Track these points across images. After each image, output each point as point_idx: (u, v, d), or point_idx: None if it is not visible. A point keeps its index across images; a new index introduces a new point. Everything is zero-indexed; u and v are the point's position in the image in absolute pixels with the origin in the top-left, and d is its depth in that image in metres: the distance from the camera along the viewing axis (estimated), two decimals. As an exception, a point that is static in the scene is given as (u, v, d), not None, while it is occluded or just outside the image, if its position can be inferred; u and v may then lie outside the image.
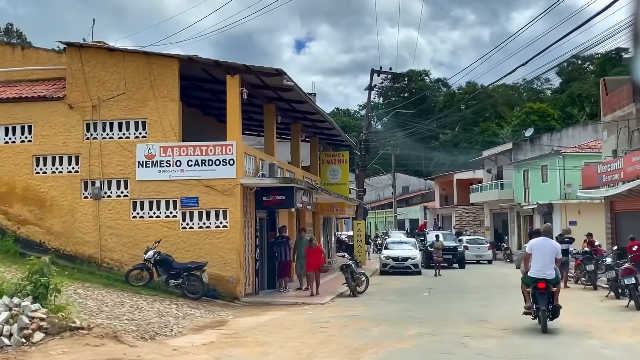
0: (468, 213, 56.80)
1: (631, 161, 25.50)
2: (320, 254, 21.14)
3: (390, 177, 65.38)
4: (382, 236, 48.36)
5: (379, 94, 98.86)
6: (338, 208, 30.04)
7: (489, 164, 51.25)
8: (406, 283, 25.18)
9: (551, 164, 40.95)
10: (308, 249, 21.22)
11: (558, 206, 40.51)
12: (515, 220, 46.55)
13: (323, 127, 28.01)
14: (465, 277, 28.15)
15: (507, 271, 32.16)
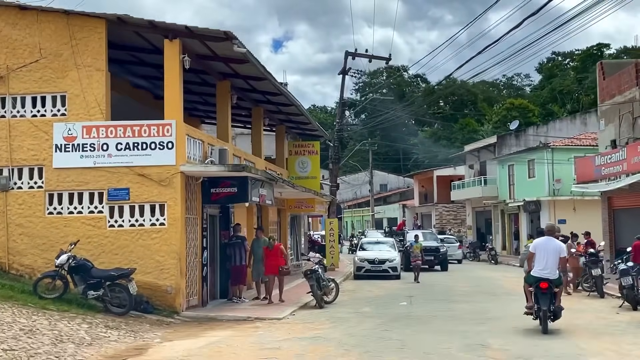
0: (449, 211, 53.71)
1: (636, 151, 22.40)
2: (279, 255, 17.81)
3: (367, 174, 62.09)
4: (359, 236, 45.03)
5: (357, 91, 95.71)
6: (307, 205, 26.64)
7: (471, 159, 48.15)
8: (383, 290, 21.83)
9: (539, 158, 37.92)
10: (266, 249, 17.99)
11: (546, 203, 37.48)
12: (500, 218, 43.47)
13: (290, 113, 24.59)
14: (449, 282, 24.88)
15: (494, 274, 29.00)
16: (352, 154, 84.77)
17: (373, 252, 26.23)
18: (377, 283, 23.87)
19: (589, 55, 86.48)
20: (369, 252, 26.46)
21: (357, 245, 42.04)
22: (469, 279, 26.47)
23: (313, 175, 27.53)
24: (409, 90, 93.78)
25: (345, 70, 29.81)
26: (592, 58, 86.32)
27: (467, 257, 40.89)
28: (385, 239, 28.87)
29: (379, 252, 26.13)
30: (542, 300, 12.00)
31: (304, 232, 37.98)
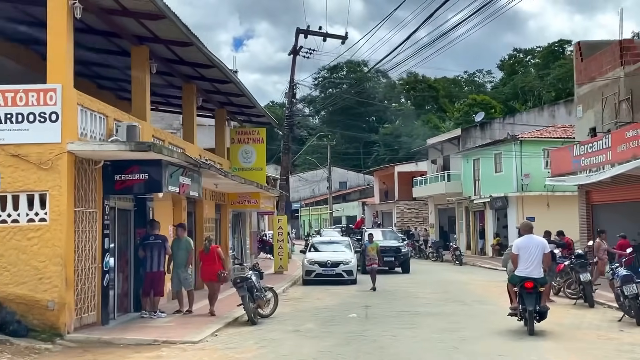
0: (410, 209, 50.77)
1: (623, 138, 19.51)
2: (216, 259, 14.44)
3: (325, 171, 58.83)
4: (314, 234, 41.70)
5: (316, 86, 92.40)
6: (251, 200, 23.18)
7: (434, 154, 45.25)
8: (335, 298, 18.52)
9: (506, 151, 35.10)
10: (202, 253, 14.76)
11: (514, 199, 34.67)
12: (464, 216, 40.59)
13: (230, 94, 21.11)
14: (412, 287, 21.70)
15: (461, 277, 25.94)
16: (312, 151, 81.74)
17: (325, 253, 22.84)
18: (330, 289, 20.54)
19: (550, 52, 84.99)
20: (321, 253, 23.03)
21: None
22: (434, 283, 23.33)
23: (258, 167, 24.09)
24: (370, 85, 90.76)
25: (296, 50, 26.48)
26: (554, 54, 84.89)
27: (429, 258, 37.91)
28: (340, 239, 25.41)
29: (332, 254, 22.79)
30: (527, 300, 11.61)
31: (254, 231, 34.50)
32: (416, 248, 40.23)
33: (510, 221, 35.20)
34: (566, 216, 27.34)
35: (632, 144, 18.87)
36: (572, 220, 25.82)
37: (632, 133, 19.04)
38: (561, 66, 76.96)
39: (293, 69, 26.33)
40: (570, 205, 29.98)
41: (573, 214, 28.29)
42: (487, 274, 27.75)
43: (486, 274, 27.71)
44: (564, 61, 79.91)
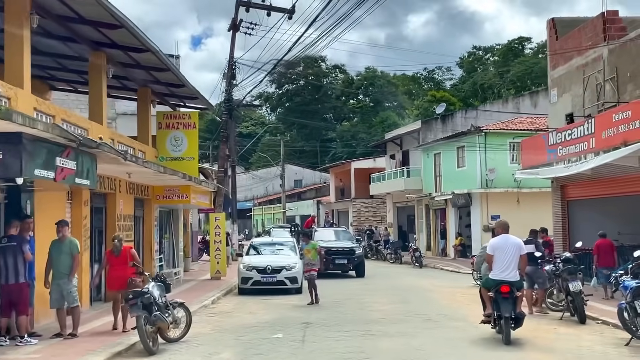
0: (367, 207, 47.74)
1: (610, 122, 16.64)
2: (126, 264, 11.10)
3: (279, 168, 55.46)
4: (263, 234, 38.38)
5: (271, 82, 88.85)
6: (181, 194, 19.72)
7: (393, 149, 42.27)
8: (272, 312, 15.19)
9: (469, 144, 32.27)
10: (110, 255, 11.86)
11: (478, 196, 31.86)
12: (424, 215, 37.69)
13: (152, 68, 17.64)
14: (366, 296, 18.54)
15: (422, 282, 22.90)
16: (267, 148, 78.33)
17: (266, 257, 19.27)
18: (268, 300, 17.18)
19: (509, 49, 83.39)
20: (260, 257, 19.38)
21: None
22: (392, 290, 20.18)
23: (189, 156, 20.65)
24: (328, 81, 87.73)
25: (236, 24, 23.11)
26: (513, 52, 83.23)
27: (387, 259, 34.90)
28: (285, 239, 21.70)
29: (273, 258, 19.18)
30: (503, 306, 10.60)
31: (195, 231, 30.96)
32: (373, 249, 37.26)
33: (473, 220, 32.41)
34: (536, 214, 24.58)
35: (622, 128, 15.99)
36: (543, 219, 22.97)
37: (620, 116, 16.15)
38: (521, 63, 75.27)
39: (232, 45, 22.93)
40: (540, 202, 27.44)
41: (544, 212, 25.60)
42: (450, 278, 24.80)
43: (449, 278, 24.77)
44: (523, 59, 78.31)
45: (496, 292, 10.68)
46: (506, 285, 10.59)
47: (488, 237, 30.93)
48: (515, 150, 31.92)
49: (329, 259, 24.80)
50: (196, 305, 15.29)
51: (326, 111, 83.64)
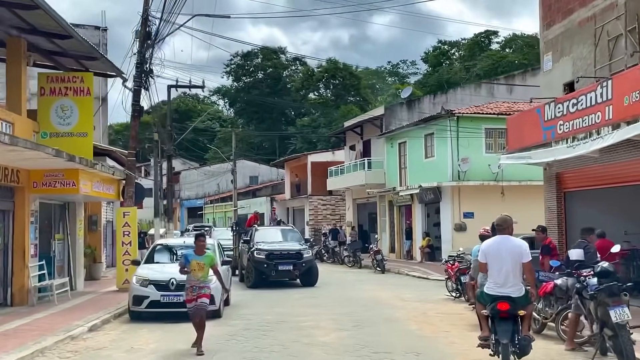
0: (325, 205, 42.97)
1: (634, 80, 12.17)
2: None
3: (231, 163, 50.25)
4: (187, 234, 33.30)
5: (228, 73, 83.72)
6: (65, 180, 14.66)
7: (353, 139, 37.58)
8: (162, 349, 10.23)
9: (439, 130, 27.78)
10: None
11: (449, 190, 27.38)
12: (387, 212, 33.08)
13: (17, 4, 12.60)
14: (309, 316, 13.75)
15: (386, 294, 18.24)
16: (224, 144, 72.87)
17: (170, 267, 13.31)
18: (171, 328, 12.18)
19: (476, 43, 79.95)
20: (163, 267, 13.76)
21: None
22: (347, 306, 15.42)
23: (82, 132, 15.69)
24: (287, 74, 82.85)
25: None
26: (479, 46, 79.74)
27: (345, 262, 30.23)
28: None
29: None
30: (501, 328, 7.80)
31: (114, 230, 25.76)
32: (329, 251, 32.55)
33: (443, 218, 27.92)
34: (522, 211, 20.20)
35: (654, 90, 11.53)
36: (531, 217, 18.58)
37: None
38: (488, 57, 71.79)
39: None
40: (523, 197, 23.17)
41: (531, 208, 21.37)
42: (418, 287, 20.23)
43: (417, 287, 20.18)
44: (490, 52, 74.81)
45: (493, 310, 7.97)
46: (504, 301, 7.84)
47: (461, 237, 26.57)
48: (491, 138, 27.68)
49: (270, 265, 20.07)
50: (55, 337, 10.37)
51: (285, 105, 78.73)
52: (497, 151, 27.50)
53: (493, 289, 8.00)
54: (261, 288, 19.97)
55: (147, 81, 17.76)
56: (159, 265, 13.83)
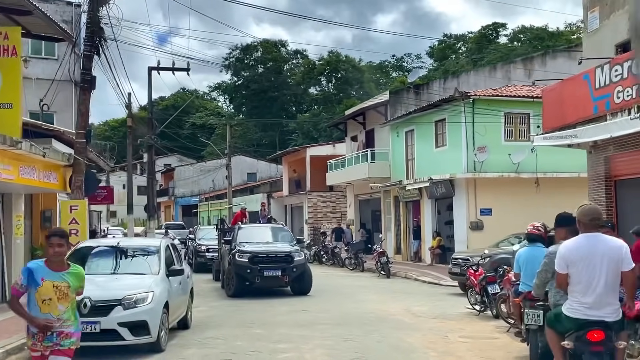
0: (325, 202, 39.49)
1: None
2: None
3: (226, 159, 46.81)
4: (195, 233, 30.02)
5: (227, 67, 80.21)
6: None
7: (355, 129, 34.09)
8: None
9: (452, 116, 24.31)
10: None
11: (463, 183, 23.89)
12: (393, 209, 29.57)
13: None
14: (290, 344, 10.29)
15: (394, 305, 14.82)
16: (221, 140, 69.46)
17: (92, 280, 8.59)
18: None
19: (483, 36, 76.67)
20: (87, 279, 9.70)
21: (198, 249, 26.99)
22: (344, 328, 11.96)
23: (5, 102, 12.21)
24: (288, 67, 79.35)
25: None
26: (487, 39, 76.55)
27: (345, 265, 26.77)
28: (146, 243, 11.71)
29: (105, 282, 9.42)
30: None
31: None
32: (328, 252, 29.08)
33: (456, 214, 24.44)
34: (562, 202, 16.61)
35: None
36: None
37: None
38: (497, 50, 68.47)
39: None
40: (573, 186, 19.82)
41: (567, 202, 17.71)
42: (430, 296, 16.84)
43: (429, 296, 16.78)
44: (497, 46, 71.55)
45: (579, 341, 5.49)
46: (598, 329, 5.40)
47: (477, 237, 23.07)
48: (511, 124, 24.23)
49: (254, 270, 16.64)
50: None
51: (286, 100, 75.31)
52: (518, 139, 24.12)
53: (579, 311, 5.53)
54: (243, 297, 16.56)
55: (100, 45, 14.30)
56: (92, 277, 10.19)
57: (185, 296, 10.91)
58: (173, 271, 9.83)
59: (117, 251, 10.02)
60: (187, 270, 11.38)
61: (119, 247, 10.05)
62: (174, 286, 9.85)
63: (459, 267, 16.97)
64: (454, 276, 17.64)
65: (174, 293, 9.56)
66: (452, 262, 17.74)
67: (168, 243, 10.91)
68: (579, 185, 17.06)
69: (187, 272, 11.14)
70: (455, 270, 17.28)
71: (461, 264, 16.88)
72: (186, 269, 11.22)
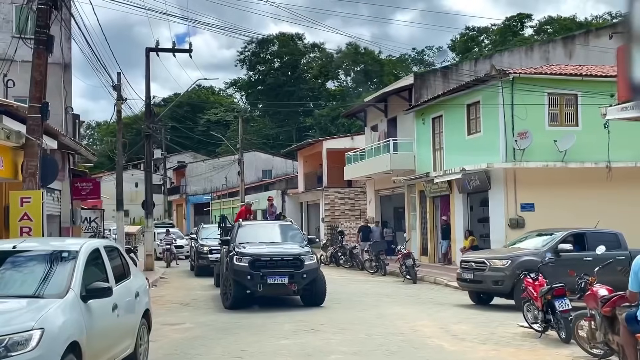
0: (343, 198, 36.38)
1: None
2: None
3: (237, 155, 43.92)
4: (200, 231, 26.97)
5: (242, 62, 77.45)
6: None
7: (376, 118, 30.89)
8: None
9: (488, 98, 21.09)
10: None
11: (501, 174, 20.64)
12: (418, 205, 26.37)
13: None
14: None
15: (424, 322, 11.65)
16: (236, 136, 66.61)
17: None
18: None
19: (507, 27, 73.17)
20: None
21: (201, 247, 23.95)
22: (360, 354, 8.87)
23: None
24: (305, 61, 76.31)
25: None
26: (512, 30, 73.15)
27: (365, 268, 23.63)
28: (46, 248, 8.20)
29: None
30: None
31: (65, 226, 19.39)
32: (346, 253, 25.96)
33: (493, 211, 21.21)
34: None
35: None
36: None
37: None
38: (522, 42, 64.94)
39: None
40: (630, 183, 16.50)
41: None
42: (468, 308, 13.71)
43: (466, 308, 13.65)
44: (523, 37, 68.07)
45: None
46: None
47: (516, 236, 19.84)
48: (556, 106, 21.00)
49: (256, 276, 13.61)
50: None
51: (303, 94, 72.26)
52: (564, 123, 20.88)
53: None
54: (242, 309, 13.55)
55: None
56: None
57: (132, 324, 7.42)
58: (94, 291, 6.20)
59: (6, 259, 6.51)
60: (137, 285, 7.95)
61: (12, 253, 6.64)
62: (98, 314, 6.27)
63: (471, 272, 13.99)
64: (463, 283, 14.54)
65: (98, 325, 6.13)
66: (461, 266, 14.65)
67: (99, 246, 7.22)
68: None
69: (135, 288, 7.75)
70: (466, 275, 14.18)
71: (474, 268, 13.96)
72: (135, 283, 7.88)
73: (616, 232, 14.20)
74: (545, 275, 12.09)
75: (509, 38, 70.22)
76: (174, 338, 10.16)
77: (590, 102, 20.21)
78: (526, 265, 12.64)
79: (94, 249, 6.97)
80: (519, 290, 12.29)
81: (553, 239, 13.95)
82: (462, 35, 79.39)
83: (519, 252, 13.90)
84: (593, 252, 13.20)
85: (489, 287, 13.69)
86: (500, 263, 13.54)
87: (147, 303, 8.12)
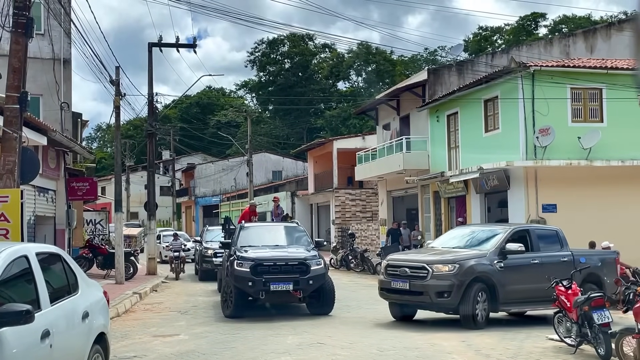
0: (354, 200, 35.21)
1: None
2: None
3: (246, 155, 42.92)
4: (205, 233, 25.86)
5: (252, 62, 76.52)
6: None
7: (387, 116, 29.69)
8: None
9: (507, 92, 19.87)
10: None
11: (521, 173, 19.40)
12: (432, 206, 25.15)
13: None
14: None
15: (444, 336, 10.45)
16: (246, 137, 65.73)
17: None
18: None
19: (521, 27, 71.93)
20: None
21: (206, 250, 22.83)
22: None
23: None
24: (316, 61, 75.24)
25: None
26: (525, 30, 71.94)
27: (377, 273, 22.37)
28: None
29: None
30: None
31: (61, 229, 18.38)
32: (357, 256, 24.82)
33: (512, 212, 19.98)
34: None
35: None
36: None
37: None
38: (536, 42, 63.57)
39: None
40: None
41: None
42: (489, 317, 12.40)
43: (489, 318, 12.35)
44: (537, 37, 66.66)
45: None
46: None
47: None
48: (579, 102, 19.76)
49: (258, 282, 12.48)
50: None
51: (313, 95, 71.20)
52: (588, 119, 19.65)
53: None
54: (244, 319, 12.43)
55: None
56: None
57: (75, 355, 5.75)
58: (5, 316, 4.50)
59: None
60: (88, 302, 6.23)
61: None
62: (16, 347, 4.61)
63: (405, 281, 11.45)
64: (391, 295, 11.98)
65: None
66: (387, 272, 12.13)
67: (27, 253, 5.38)
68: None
69: (84, 307, 6.05)
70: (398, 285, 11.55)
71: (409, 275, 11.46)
72: (84, 300, 6.16)
73: (556, 229, 12.86)
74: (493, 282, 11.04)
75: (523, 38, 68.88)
76: (162, 353, 9.05)
77: (616, 96, 19.01)
78: (478, 270, 11.00)
79: (18, 256, 5.22)
80: (467, 304, 10.79)
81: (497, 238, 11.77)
82: (475, 35, 78.18)
83: (462, 255, 11.41)
84: (539, 252, 12.02)
85: (431, 300, 11.06)
86: (445, 269, 10.98)
87: (104, 325, 6.46)
